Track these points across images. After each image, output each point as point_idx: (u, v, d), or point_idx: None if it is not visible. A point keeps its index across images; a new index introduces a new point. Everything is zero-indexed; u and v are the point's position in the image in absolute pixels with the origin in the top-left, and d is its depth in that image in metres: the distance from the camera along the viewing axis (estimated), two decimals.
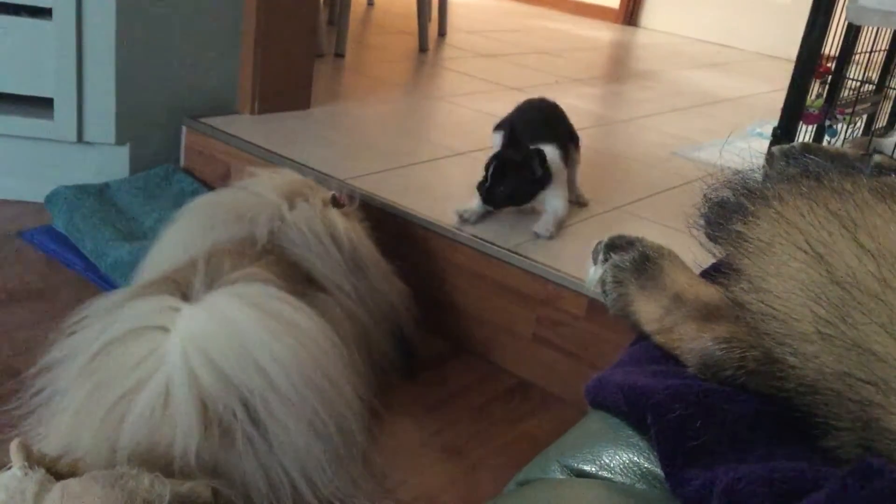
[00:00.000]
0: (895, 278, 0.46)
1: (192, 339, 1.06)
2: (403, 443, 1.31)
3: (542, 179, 1.67)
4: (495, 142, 1.95)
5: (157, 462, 0.99)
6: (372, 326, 1.38)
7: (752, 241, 0.55)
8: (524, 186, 1.67)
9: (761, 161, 0.75)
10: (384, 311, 1.42)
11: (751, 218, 0.57)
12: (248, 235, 1.32)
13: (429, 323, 1.56)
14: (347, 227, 1.42)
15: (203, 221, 1.38)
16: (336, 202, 1.46)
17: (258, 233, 1.32)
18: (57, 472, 0.97)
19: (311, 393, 1.07)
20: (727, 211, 0.61)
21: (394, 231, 1.63)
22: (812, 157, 0.77)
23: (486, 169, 1.66)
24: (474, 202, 1.67)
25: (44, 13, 1.77)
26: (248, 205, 1.39)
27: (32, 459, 0.95)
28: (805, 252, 0.50)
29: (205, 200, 1.48)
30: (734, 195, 0.61)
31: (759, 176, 0.66)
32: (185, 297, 1.15)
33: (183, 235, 1.38)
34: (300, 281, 1.30)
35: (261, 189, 1.43)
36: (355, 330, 1.31)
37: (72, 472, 0.97)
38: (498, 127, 1.94)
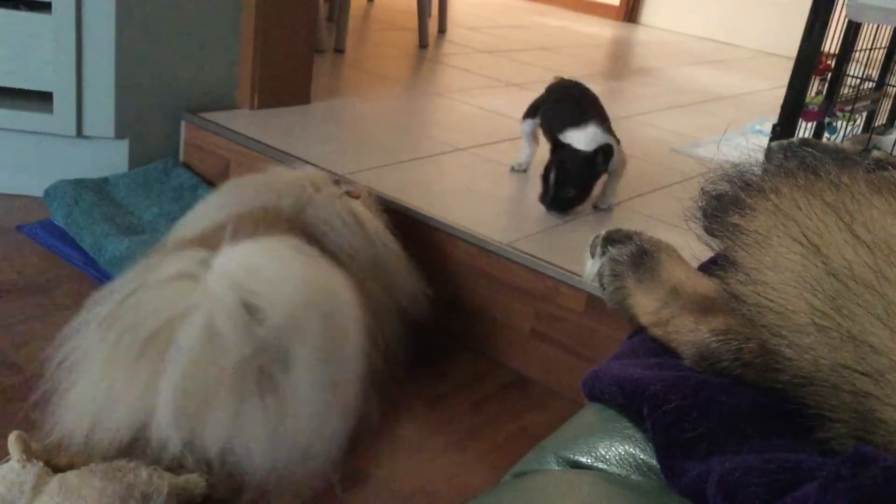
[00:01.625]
0: (891, 270, 0.46)
1: (231, 276, 1.05)
2: (402, 437, 1.31)
3: (605, 170, 1.70)
4: (525, 129, 1.96)
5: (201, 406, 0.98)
6: (386, 315, 1.37)
7: (749, 233, 0.55)
8: (589, 184, 1.67)
9: (759, 156, 0.75)
10: (399, 303, 1.41)
11: (748, 211, 0.57)
12: (275, 206, 1.33)
13: (427, 318, 1.56)
14: (371, 216, 1.44)
15: (230, 198, 1.40)
16: (350, 196, 1.48)
17: (285, 204, 1.33)
18: (55, 464, 0.97)
19: (336, 352, 1.07)
20: (724, 204, 0.61)
21: (393, 227, 1.63)
22: (810, 150, 0.77)
23: (546, 178, 1.66)
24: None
25: (43, 7, 1.77)
26: (278, 182, 1.41)
27: (30, 452, 0.95)
28: (801, 244, 0.50)
29: (231, 183, 1.50)
30: (731, 188, 0.62)
31: (757, 170, 0.66)
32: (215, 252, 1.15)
33: (209, 210, 1.39)
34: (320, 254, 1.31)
35: (285, 176, 1.45)
36: (371, 303, 1.31)
37: (70, 465, 0.97)
38: (528, 114, 1.96)
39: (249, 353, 1.00)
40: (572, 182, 1.68)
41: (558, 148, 1.70)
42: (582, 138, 1.72)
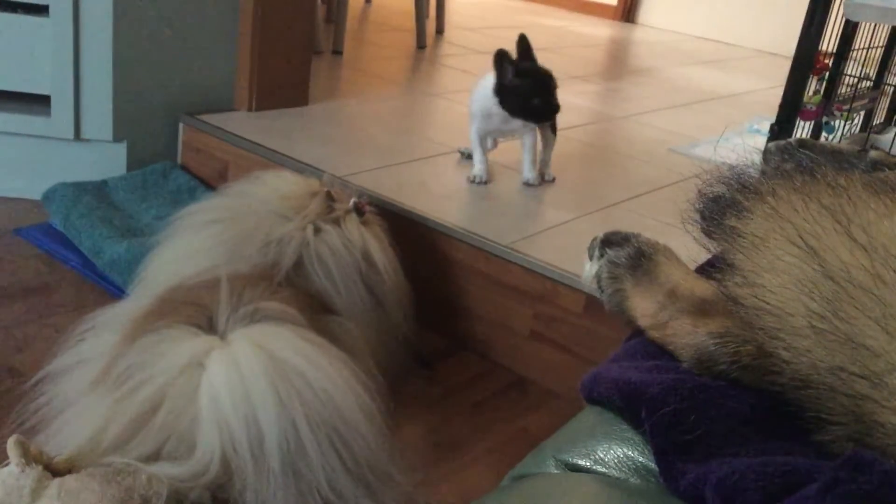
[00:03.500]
0: (888, 273, 0.46)
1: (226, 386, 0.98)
2: (402, 439, 1.31)
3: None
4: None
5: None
6: (385, 336, 1.34)
7: (747, 236, 0.55)
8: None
9: (757, 157, 0.75)
10: (396, 318, 1.39)
11: (745, 213, 0.57)
12: (271, 261, 1.26)
13: (426, 320, 1.56)
14: (370, 242, 1.36)
15: (217, 232, 1.32)
16: (358, 210, 1.39)
17: (283, 263, 1.25)
18: (54, 468, 0.97)
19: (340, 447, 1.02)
20: (722, 206, 0.61)
21: (391, 228, 1.63)
22: (807, 152, 0.77)
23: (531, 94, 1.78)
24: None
25: (41, 10, 1.77)
26: (269, 226, 1.31)
27: (30, 456, 0.95)
28: (798, 247, 0.50)
29: (215, 207, 1.40)
30: (729, 190, 0.62)
31: (754, 171, 0.66)
32: (212, 327, 1.08)
33: (195, 243, 1.31)
34: (318, 309, 1.24)
35: (278, 205, 1.35)
36: (370, 346, 1.26)
37: (69, 469, 0.97)
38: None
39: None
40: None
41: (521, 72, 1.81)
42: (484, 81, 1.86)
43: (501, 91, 1.80)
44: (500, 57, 1.80)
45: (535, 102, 1.80)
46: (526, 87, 1.80)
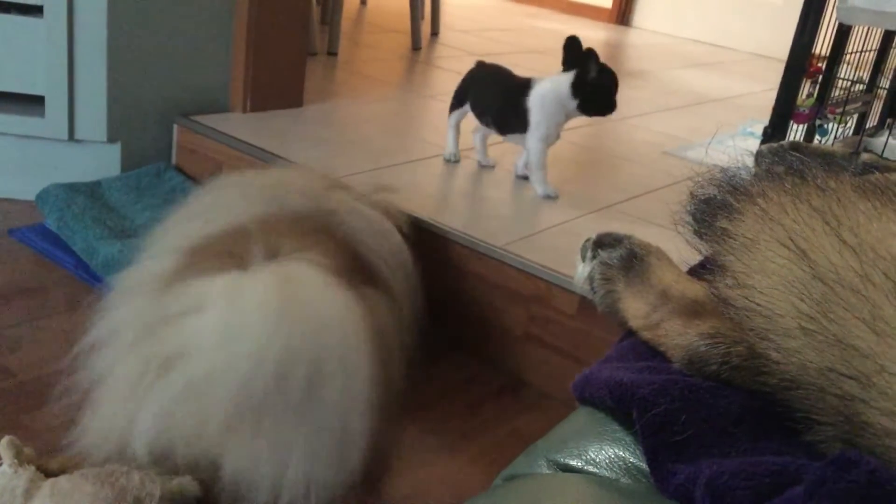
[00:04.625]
0: (877, 274, 0.46)
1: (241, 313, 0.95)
2: (396, 439, 1.31)
3: None
4: (453, 122, 2.01)
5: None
6: (407, 319, 1.31)
7: (737, 237, 0.55)
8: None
9: (749, 159, 0.76)
10: (419, 299, 1.36)
11: (736, 215, 0.57)
12: (303, 210, 1.21)
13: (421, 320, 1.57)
14: (399, 219, 1.35)
15: (238, 197, 1.26)
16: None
17: (314, 206, 1.21)
18: (47, 469, 0.97)
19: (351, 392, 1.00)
20: (713, 208, 0.61)
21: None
22: (798, 154, 0.78)
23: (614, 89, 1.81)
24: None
25: (35, 11, 1.77)
26: (291, 181, 1.29)
27: (23, 457, 0.95)
28: (788, 248, 0.51)
29: (229, 180, 1.35)
30: (720, 192, 0.62)
31: (746, 174, 0.66)
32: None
33: (227, 199, 1.26)
34: (357, 273, 1.17)
35: (293, 176, 1.33)
36: (398, 325, 1.20)
37: (62, 470, 0.97)
38: (456, 105, 1.99)
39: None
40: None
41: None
42: (549, 84, 1.84)
43: (584, 88, 1.80)
44: (589, 53, 1.80)
45: (615, 99, 1.84)
46: (609, 83, 1.82)
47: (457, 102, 1.98)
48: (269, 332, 0.94)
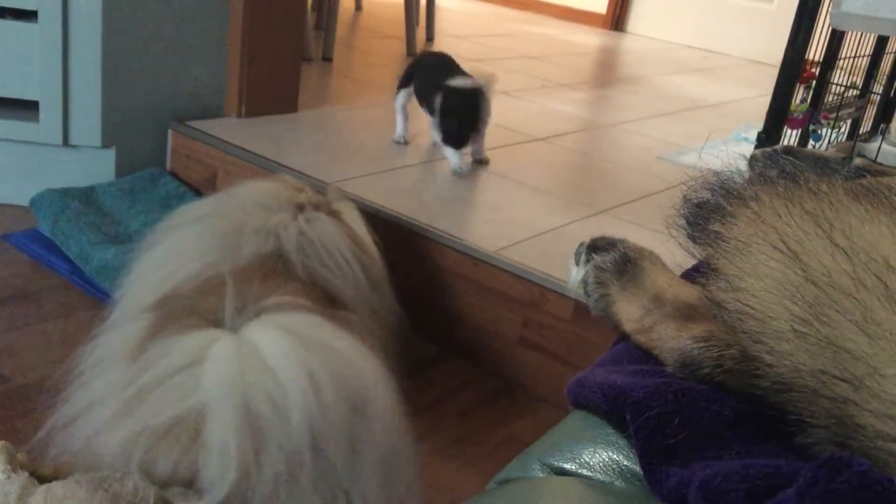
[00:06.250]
0: (868, 277, 0.46)
1: (235, 372, 0.90)
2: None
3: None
4: (400, 101, 2.16)
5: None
6: (383, 335, 1.31)
7: (730, 241, 0.56)
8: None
9: (743, 164, 0.76)
10: (391, 304, 1.35)
11: (729, 218, 0.57)
12: (269, 251, 1.20)
13: (415, 326, 1.56)
14: (358, 225, 1.34)
15: (206, 228, 1.26)
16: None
17: (286, 249, 1.20)
18: (40, 475, 0.97)
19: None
20: (706, 212, 0.61)
21: (380, 234, 1.63)
22: (791, 158, 0.78)
23: (449, 116, 1.90)
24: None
25: (29, 15, 1.77)
26: (260, 217, 1.27)
27: (16, 462, 0.95)
28: (781, 251, 0.51)
29: (199, 206, 1.36)
30: (713, 196, 0.62)
31: (739, 177, 0.66)
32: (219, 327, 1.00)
33: (182, 242, 1.25)
34: (325, 302, 1.18)
35: (261, 199, 1.31)
36: (375, 344, 1.23)
37: (55, 476, 0.97)
38: (402, 85, 2.15)
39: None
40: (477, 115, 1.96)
41: (448, 93, 1.92)
42: (463, 83, 1.97)
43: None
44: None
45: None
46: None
47: (403, 84, 2.15)
48: (305, 378, 0.90)
